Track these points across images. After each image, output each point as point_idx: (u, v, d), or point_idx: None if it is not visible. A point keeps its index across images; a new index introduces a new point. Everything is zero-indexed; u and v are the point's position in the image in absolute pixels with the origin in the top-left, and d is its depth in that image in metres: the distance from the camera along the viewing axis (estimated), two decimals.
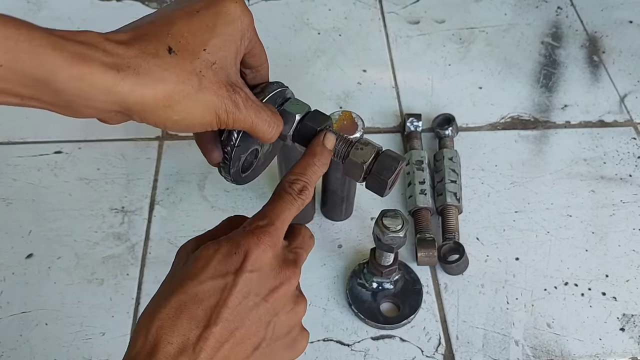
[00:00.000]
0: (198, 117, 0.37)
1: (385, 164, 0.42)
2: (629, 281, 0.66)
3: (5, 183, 0.73)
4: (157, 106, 0.35)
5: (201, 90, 0.37)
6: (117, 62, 0.33)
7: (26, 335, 0.61)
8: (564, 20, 0.96)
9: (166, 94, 0.35)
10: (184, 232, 0.69)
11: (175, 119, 0.36)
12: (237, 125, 0.39)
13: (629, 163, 0.77)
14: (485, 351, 0.61)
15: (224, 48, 0.39)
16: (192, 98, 0.36)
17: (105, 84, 0.33)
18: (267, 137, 0.41)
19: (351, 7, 0.97)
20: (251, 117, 0.39)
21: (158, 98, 0.35)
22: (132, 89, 0.34)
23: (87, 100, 0.33)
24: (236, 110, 0.38)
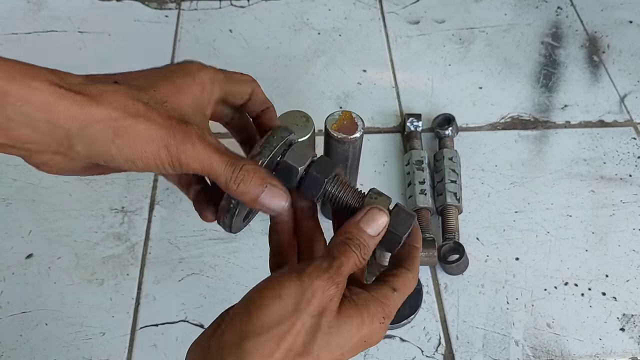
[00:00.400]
0: (144, 148, 0.34)
1: (400, 218, 0.38)
2: (629, 281, 0.66)
3: (5, 183, 0.73)
4: (99, 129, 0.33)
5: (147, 119, 0.34)
6: (61, 83, 0.32)
7: (26, 335, 0.61)
8: (564, 20, 0.96)
9: (107, 115, 0.33)
10: (184, 232, 0.69)
11: (119, 147, 0.34)
12: (191, 163, 0.35)
13: (629, 163, 0.77)
14: (485, 351, 0.61)
15: (179, 94, 0.37)
16: (136, 125, 0.34)
17: (45, 99, 0.32)
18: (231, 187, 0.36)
19: (351, 7, 0.97)
20: (206, 155, 0.35)
21: (99, 119, 0.33)
22: (71, 106, 0.32)
23: (26, 117, 0.31)
24: (187, 144, 0.35)
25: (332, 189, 0.40)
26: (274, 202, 0.37)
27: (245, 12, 0.95)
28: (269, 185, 0.37)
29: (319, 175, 0.39)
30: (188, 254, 0.67)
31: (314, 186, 0.39)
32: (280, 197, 0.37)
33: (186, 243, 0.68)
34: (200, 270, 0.66)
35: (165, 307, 0.63)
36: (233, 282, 0.65)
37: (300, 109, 0.60)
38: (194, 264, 0.66)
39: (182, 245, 0.68)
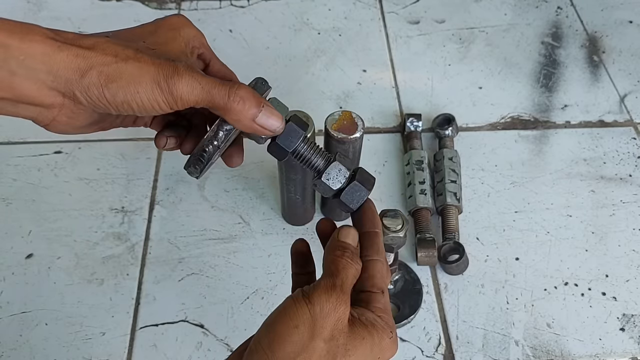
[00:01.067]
0: (137, 88, 0.36)
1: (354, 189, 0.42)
2: (629, 281, 0.66)
3: (6, 183, 0.73)
4: (94, 75, 0.36)
5: (137, 60, 0.36)
6: (57, 37, 0.35)
7: (26, 335, 0.61)
8: (564, 20, 0.96)
9: (100, 61, 0.36)
10: (184, 232, 0.69)
11: (114, 90, 0.36)
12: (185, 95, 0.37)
13: (628, 163, 0.77)
14: (485, 351, 0.61)
15: (166, 44, 0.40)
16: (127, 67, 0.36)
17: (44, 50, 0.34)
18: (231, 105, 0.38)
19: (351, 7, 0.97)
20: (199, 83, 0.37)
21: (93, 65, 0.35)
22: (68, 55, 0.35)
23: (28, 70, 0.34)
24: (176, 76, 0.37)
25: (304, 146, 0.41)
26: (270, 121, 0.39)
27: (245, 12, 0.95)
28: (265, 106, 0.38)
29: (298, 128, 0.40)
30: (188, 253, 0.67)
31: (292, 137, 0.40)
32: (276, 117, 0.39)
33: (186, 243, 0.68)
34: (200, 270, 0.66)
35: (165, 307, 0.63)
36: (233, 282, 0.65)
37: (300, 109, 0.60)
38: (193, 264, 0.66)
39: (182, 245, 0.68)
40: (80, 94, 0.36)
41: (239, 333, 0.61)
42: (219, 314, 0.63)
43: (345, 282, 0.37)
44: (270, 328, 0.36)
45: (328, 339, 0.35)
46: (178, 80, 0.37)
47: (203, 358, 0.59)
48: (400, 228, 0.55)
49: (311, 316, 0.35)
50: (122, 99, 0.36)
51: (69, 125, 0.39)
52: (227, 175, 0.74)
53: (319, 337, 0.35)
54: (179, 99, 0.37)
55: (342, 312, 0.36)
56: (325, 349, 0.35)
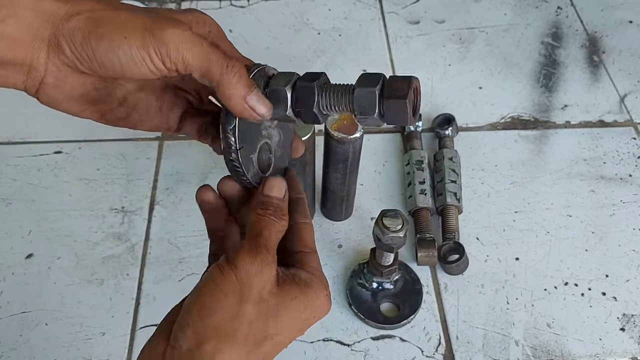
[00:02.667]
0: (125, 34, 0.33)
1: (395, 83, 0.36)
2: (629, 281, 0.66)
3: (5, 183, 0.73)
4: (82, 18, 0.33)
5: (130, 10, 0.34)
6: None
7: (26, 335, 0.61)
8: (564, 20, 0.96)
9: (89, 7, 0.34)
10: (184, 232, 0.69)
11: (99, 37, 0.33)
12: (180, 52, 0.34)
13: (629, 163, 0.77)
14: (485, 351, 0.61)
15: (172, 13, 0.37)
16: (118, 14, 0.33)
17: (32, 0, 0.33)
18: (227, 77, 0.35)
19: (351, 7, 0.97)
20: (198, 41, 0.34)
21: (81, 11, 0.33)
22: (55, 4, 0.33)
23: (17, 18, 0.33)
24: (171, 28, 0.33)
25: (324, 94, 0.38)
26: (260, 106, 0.37)
27: (245, 12, 0.95)
28: (255, 89, 0.37)
29: (308, 83, 0.37)
30: (188, 254, 0.67)
31: (307, 95, 0.37)
32: (265, 103, 0.37)
33: (186, 243, 0.68)
34: (200, 270, 0.65)
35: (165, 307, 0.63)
36: None
37: None
38: (193, 264, 0.66)
39: (182, 245, 0.68)
40: (64, 40, 0.33)
41: None
42: None
43: (269, 241, 0.37)
44: (199, 299, 0.35)
45: (257, 302, 0.35)
46: (172, 32, 0.33)
47: None
48: (400, 228, 0.55)
49: (238, 281, 0.35)
50: (106, 47, 0.33)
51: (58, 91, 0.36)
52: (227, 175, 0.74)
53: (247, 302, 0.35)
54: (172, 54, 0.33)
55: (268, 273, 0.36)
56: (254, 312, 0.35)
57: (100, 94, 0.38)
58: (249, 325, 0.35)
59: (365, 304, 0.63)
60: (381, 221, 0.56)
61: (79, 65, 0.34)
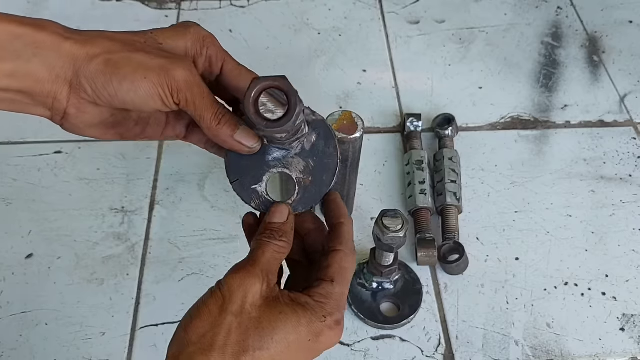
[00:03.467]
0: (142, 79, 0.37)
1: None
2: (629, 281, 0.66)
3: (6, 183, 0.73)
4: (100, 64, 0.37)
5: (145, 52, 0.38)
6: (64, 34, 0.37)
7: (26, 335, 0.61)
8: (564, 20, 0.96)
9: (106, 51, 0.37)
10: (184, 232, 0.69)
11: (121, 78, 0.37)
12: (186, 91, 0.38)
13: (629, 163, 0.77)
14: (485, 351, 0.61)
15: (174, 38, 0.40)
16: (136, 55, 0.37)
17: (54, 40, 0.36)
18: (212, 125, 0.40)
19: (351, 7, 0.97)
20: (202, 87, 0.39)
21: (98, 55, 0.37)
22: (74, 44, 0.37)
23: (43, 59, 0.36)
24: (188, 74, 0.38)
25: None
26: (246, 140, 0.41)
27: (245, 12, 0.95)
28: (241, 127, 0.41)
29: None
30: (188, 254, 0.67)
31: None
32: (251, 136, 0.41)
33: (186, 243, 0.68)
34: (200, 270, 0.66)
35: (165, 307, 0.63)
36: None
37: None
38: (194, 264, 0.66)
39: (182, 245, 0.68)
40: (86, 81, 0.37)
41: None
42: None
43: (259, 258, 0.38)
44: (188, 313, 0.38)
45: (238, 313, 0.36)
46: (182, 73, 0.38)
47: None
48: (400, 228, 0.55)
49: (221, 294, 0.37)
50: (128, 87, 0.37)
51: (80, 120, 0.39)
52: None
53: (227, 312, 0.36)
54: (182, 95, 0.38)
55: (250, 284, 0.37)
56: (235, 322, 0.36)
57: (118, 119, 0.42)
58: (227, 334, 0.35)
59: (365, 304, 0.63)
60: (381, 221, 0.56)
61: (98, 102, 0.38)
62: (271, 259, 0.39)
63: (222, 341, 0.35)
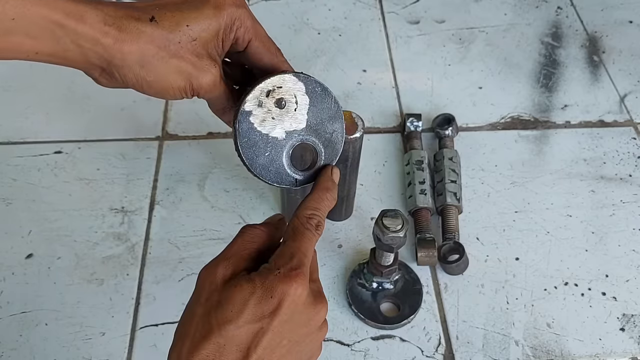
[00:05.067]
0: (171, 81, 0.41)
1: None
2: (629, 281, 0.66)
3: (5, 183, 0.73)
4: (133, 63, 0.39)
5: (177, 57, 0.40)
6: (105, 19, 0.39)
7: (26, 335, 0.61)
8: (564, 20, 0.96)
9: (141, 53, 0.39)
10: (184, 232, 0.69)
11: (149, 80, 0.40)
12: (209, 97, 0.44)
13: (628, 163, 0.77)
14: (485, 351, 0.61)
15: (207, 30, 0.42)
16: (166, 62, 0.40)
17: (94, 35, 0.38)
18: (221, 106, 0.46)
19: (351, 7, 0.97)
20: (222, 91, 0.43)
21: (133, 54, 0.39)
22: (113, 42, 0.38)
23: (80, 48, 0.38)
24: (210, 81, 0.42)
25: None
26: None
27: None
28: None
29: None
30: (188, 254, 0.67)
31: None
32: None
33: (186, 243, 0.68)
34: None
35: (165, 307, 0.63)
36: None
37: None
38: (194, 264, 0.66)
39: (182, 245, 0.68)
40: (118, 74, 0.40)
41: None
42: None
43: (230, 247, 0.40)
44: None
45: (204, 302, 0.38)
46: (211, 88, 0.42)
47: None
48: (400, 228, 0.55)
49: (195, 287, 0.39)
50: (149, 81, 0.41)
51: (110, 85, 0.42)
52: (227, 175, 0.74)
53: (196, 303, 0.38)
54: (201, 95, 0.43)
55: (214, 272, 0.38)
56: (201, 311, 0.37)
57: None
58: (196, 323, 0.37)
59: (365, 304, 0.63)
60: (381, 221, 0.56)
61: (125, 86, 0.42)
62: (241, 246, 0.40)
63: (193, 329, 0.37)
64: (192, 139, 0.79)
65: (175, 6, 0.41)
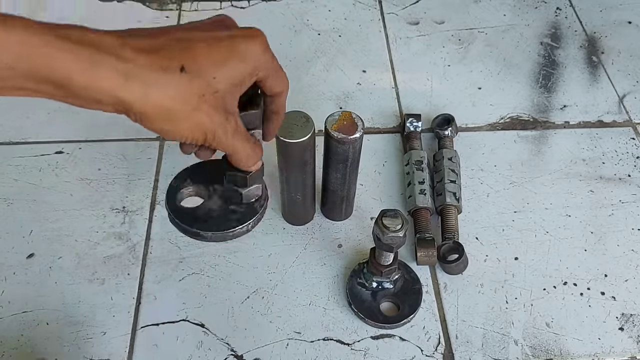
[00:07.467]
0: (188, 132, 0.42)
1: None
2: (628, 281, 0.67)
3: (7, 183, 0.73)
4: (154, 116, 0.40)
5: (198, 110, 0.41)
6: (127, 70, 0.37)
7: (27, 335, 0.61)
8: (563, 21, 0.97)
9: (165, 110, 0.39)
10: None
11: (167, 129, 0.41)
12: (220, 147, 0.46)
13: (627, 163, 0.78)
14: (484, 350, 0.61)
15: (231, 80, 0.42)
16: (187, 116, 0.41)
17: (111, 88, 0.36)
18: (242, 165, 0.50)
19: (351, 8, 0.97)
20: (233, 145, 0.46)
21: (157, 111, 0.39)
22: (135, 97, 0.37)
23: (93, 98, 0.37)
24: (223, 136, 0.44)
25: None
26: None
27: (245, 12, 0.96)
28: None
29: None
30: (188, 253, 0.67)
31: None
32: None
33: (187, 243, 0.68)
34: (201, 270, 0.66)
35: (166, 307, 0.63)
36: (233, 282, 0.65)
37: (300, 109, 0.61)
38: (194, 264, 0.66)
39: (183, 245, 0.68)
40: (134, 117, 0.40)
41: (239, 332, 0.61)
42: (219, 313, 0.63)
43: None
44: None
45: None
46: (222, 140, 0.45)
47: (203, 357, 0.60)
48: (400, 228, 0.56)
49: None
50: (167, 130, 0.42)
51: None
52: None
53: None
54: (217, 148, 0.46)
55: None
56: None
57: None
58: None
59: (365, 304, 0.63)
60: (381, 221, 0.56)
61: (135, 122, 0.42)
62: None
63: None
64: None
65: (206, 56, 0.41)
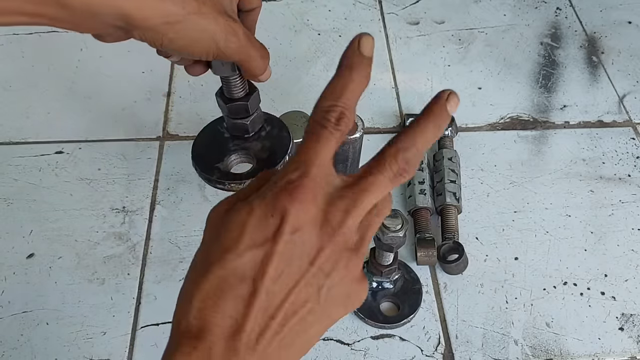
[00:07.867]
0: (195, 40, 0.40)
1: None
2: (628, 281, 0.67)
3: (7, 183, 0.73)
4: (156, 21, 0.38)
5: (200, 15, 0.39)
6: None
7: (27, 335, 0.61)
8: (563, 21, 0.97)
9: (164, 11, 0.38)
10: (185, 232, 0.69)
11: (171, 37, 0.39)
12: (234, 55, 0.43)
13: (627, 163, 0.78)
14: (484, 350, 0.61)
15: None
16: (190, 21, 0.39)
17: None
18: (257, 72, 0.46)
19: (351, 7, 0.97)
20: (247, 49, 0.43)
21: (156, 12, 0.37)
22: (133, 4, 0.37)
23: (91, 12, 0.36)
24: (235, 39, 0.42)
25: None
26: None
27: None
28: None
29: None
30: (189, 253, 0.67)
31: None
32: None
33: (187, 243, 0.68)
34: None
35: (166, 307, 0.63)
36: None
37: (300, 109, 0.61)
38: None
39: (183, 245, 0.68)
40: (137, 34, 0.39)
41: None
42: None
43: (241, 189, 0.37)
44: None
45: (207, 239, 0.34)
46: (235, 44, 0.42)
47: None
48: (400, 228, 0.56)
49: None
50: (171, 38, 0.40)
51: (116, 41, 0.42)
52: None
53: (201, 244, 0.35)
54: (228, 57, 0.43)
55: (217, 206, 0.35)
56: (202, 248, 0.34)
57: None
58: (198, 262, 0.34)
59: (365, 304, 0.63)
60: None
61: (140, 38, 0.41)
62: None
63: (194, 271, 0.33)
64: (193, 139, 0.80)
65: None
